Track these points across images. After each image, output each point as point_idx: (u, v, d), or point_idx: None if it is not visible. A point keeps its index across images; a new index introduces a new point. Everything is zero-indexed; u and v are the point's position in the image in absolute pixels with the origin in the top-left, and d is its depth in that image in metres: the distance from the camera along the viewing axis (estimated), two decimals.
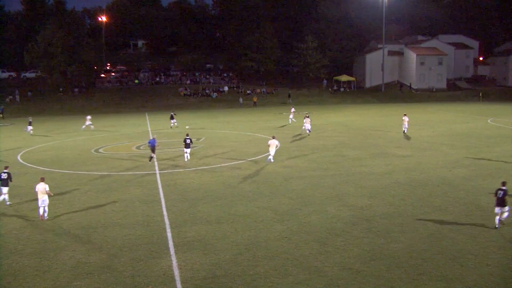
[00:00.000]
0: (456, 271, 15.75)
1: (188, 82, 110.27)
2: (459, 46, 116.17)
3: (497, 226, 19.48)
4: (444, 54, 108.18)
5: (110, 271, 16.23)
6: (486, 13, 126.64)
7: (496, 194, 19.85)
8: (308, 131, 47.72)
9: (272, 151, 34.60)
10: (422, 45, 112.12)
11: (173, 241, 18.75)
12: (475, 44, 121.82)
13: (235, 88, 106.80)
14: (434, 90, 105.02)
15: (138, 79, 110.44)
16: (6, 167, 25.64)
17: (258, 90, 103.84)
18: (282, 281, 15.20)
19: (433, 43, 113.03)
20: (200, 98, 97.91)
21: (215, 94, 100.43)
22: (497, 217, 19.62)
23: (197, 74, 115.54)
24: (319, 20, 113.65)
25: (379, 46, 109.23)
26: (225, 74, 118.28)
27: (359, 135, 47.51)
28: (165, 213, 22.54)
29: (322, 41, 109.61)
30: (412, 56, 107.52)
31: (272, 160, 34.42)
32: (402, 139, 44.41)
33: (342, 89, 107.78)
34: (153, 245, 18.49)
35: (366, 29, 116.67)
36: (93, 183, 29.16)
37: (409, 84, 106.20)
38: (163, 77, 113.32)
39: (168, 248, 18.06)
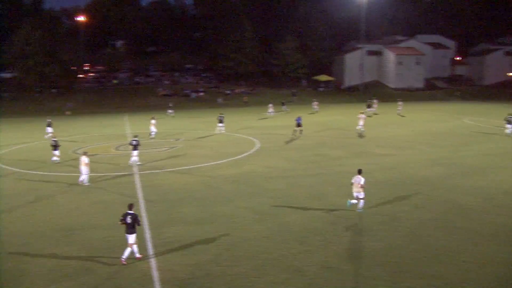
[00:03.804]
0: (435, 267, 15.92)
1: (168, 82, 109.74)
2: (436, 46, 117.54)
3: None
4: (422, 54, 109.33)
5: (89, 273, 16.07)
6: (462, 13, 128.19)
7: None
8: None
9: (361, 122, 47.39)
10: (400, 45, 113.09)
11: (153, 242, 18.62)
12: (452, 44, 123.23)
13: (214, 88, 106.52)
14: (412, 89, 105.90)
15: (117, 80, 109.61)
16: (135, 136, 34.92)
17: (237, 91, 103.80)
18: (262, 281, 15.20)
19: (411, 43, 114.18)
20: (180, 99, 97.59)
21: (195, 94, 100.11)
22: None
23: (176, 74, 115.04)
24: (299, 20, 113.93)
25: (358, 46, 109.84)
26: (204, 75, 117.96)
27: (339, 134, 47.71)
28: (144, 214, 22.34)
29: (302, 41, 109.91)
30: (390, 56, 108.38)
31: (362, 129, 47.17)
32: (381, 138, 44.66)
33: (321, 89, 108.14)
34: None
35: (346, 29, 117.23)
36: (72, 185, 28.86)
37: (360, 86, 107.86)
38: (142, 77, 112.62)
39: (147, 249, 17.93)
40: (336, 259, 16.80)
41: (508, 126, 44.95)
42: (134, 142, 33.63)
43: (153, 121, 48.10)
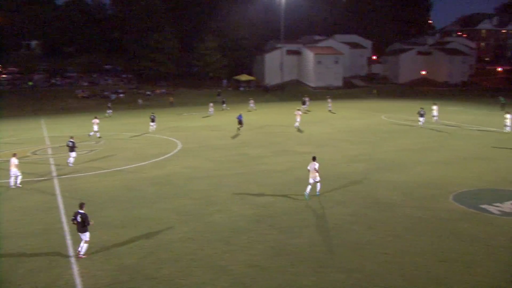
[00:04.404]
0: (356, 261, 16.45)
1: (86, 84, 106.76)
2: (354, 45, 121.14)
3: None
4: (340, 53, 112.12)
5: (7, 286, 15.43)
6: (377, 14, 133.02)
7: None
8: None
9: (298, 118, 50.84)
10: (319, 45, 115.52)
11: (74, 249, 18.12)
12: (368, 43, 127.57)
13: (134, 90, 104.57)
14: (331, 88, 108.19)
15: (32, 81, 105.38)
16: (71, 137, 34.26)
17: (158, 91, 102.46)
18: (188, 282, 15.18)
19: (329, 42, 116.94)
20: (99, 100, 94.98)
21: (114, 95, 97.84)
22: None
23: (95, 75, 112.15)
24: (219, 20, 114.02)
25: (278, 45, 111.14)
26: (124, 76, 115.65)
27: (261, 133, 48.19)
28: (64, 220, 21.68)
29: (222, 41, 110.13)
30: (309, 56, 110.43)
31: (298, 125, 50.61)
32: (302, 136, 45.53)
33: (241, 89, 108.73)
34: (53, 254, 17.79)
35: (265, 29, 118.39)
36: None
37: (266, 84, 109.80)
38: (59, 79, 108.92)
39: (69, 256, 17.44)
40: (261, 257, 17.01)
41: (421, 119, 49.64)
42: (70, 143, 33.72)
43: (96, 121, 48.70)
